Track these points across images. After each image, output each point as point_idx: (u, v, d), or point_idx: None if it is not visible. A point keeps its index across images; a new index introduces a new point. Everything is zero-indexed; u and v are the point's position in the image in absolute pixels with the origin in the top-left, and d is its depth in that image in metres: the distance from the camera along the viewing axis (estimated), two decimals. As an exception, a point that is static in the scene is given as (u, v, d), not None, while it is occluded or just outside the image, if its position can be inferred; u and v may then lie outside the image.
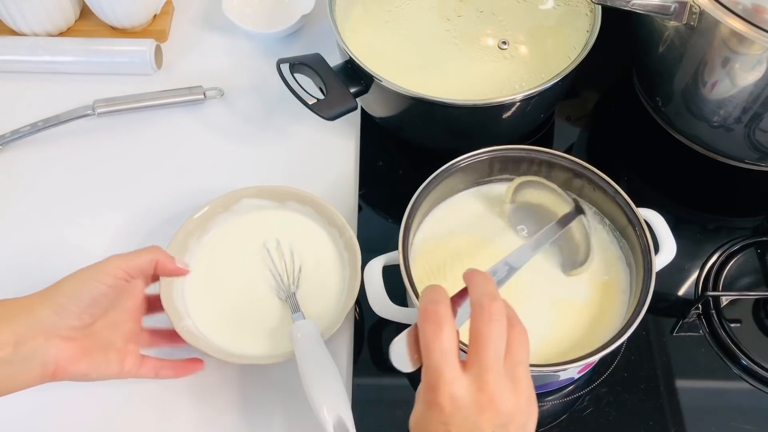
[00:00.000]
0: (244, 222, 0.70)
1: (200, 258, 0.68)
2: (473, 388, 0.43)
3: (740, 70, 0.63)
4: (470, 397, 0.43)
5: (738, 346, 0.66)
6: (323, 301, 0.66)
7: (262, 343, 0.64)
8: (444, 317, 0.44)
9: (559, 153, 0.63)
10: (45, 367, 0.53)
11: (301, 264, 0.68)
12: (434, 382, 0.43)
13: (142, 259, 0.59)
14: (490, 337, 0.44)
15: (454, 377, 0.43)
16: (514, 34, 0.78)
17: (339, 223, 0.68)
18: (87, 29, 0.88)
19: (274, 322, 0.65)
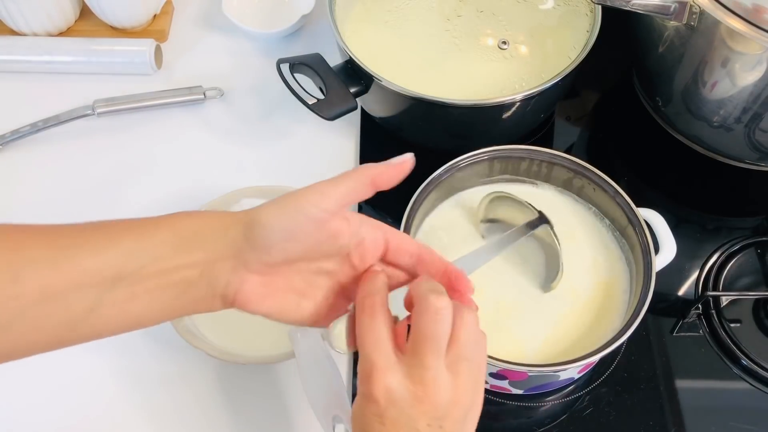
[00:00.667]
0: None
1: None
2: (408, 381, 0.42)
3: (740, 70, 0.63)
4: (405, 389, 0.42)
5: (738, 346, 0.66)
6: None
7: (262, 343, 0.64)
8: (378, 308, 0.43)
9: (560, 153, 0.64)
10: (225, 299, 0.46)
11: None
12: (368, 373, 0.42)
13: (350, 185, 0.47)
14: (431, 335, 0.42)
15: (388, 368, 0.42)
16: (514, 34, 0.78)
17: None
18: (87, 29, 0.88)
19: (274, 322, 0.65)
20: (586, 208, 0.65)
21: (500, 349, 0.56)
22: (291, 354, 0.61)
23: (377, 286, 0.45)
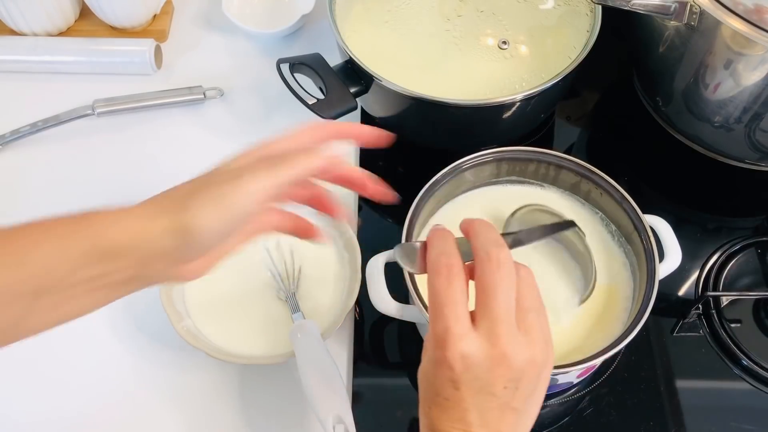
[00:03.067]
0: None
1: None
2: (485, 344, 0.40)
3: (741, 70, 0.63)
4: (482, 354, 0.40)
5: (738, 346, 0.66)
6: (323, 301, 0.66)
7: (262, 343, 0.64)
8: (455, 271, 0.42)
9: (568, 156, 0.63)
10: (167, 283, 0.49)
11: (301, 264, 0.68)
12: (443, 339, 0.41)
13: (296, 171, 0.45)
14: (499, 286, 0.41)
15: (464, 333, 0.40)
16: (514, 34, 0.78)
17: (338, 224, 0.68)
18: (87, 29, 0.88)
19: (274, 322, 0.65)
20: (592, 213, 0.65)
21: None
22: (291, 354, 0.60)
23: (450, 246, 0.43)
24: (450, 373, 0.41)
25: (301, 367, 0.59)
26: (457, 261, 0.42)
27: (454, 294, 0.41)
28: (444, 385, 0.41)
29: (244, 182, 0.44)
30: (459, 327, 0.41)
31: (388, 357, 0.68)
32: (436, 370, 0.42)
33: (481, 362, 0.40)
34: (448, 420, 0.42)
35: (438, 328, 0.41)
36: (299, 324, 0.61)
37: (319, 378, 0.58)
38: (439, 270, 0.42)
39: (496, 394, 0.41)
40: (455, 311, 0.41)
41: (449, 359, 0.40)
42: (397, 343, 0.69)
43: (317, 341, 0.60)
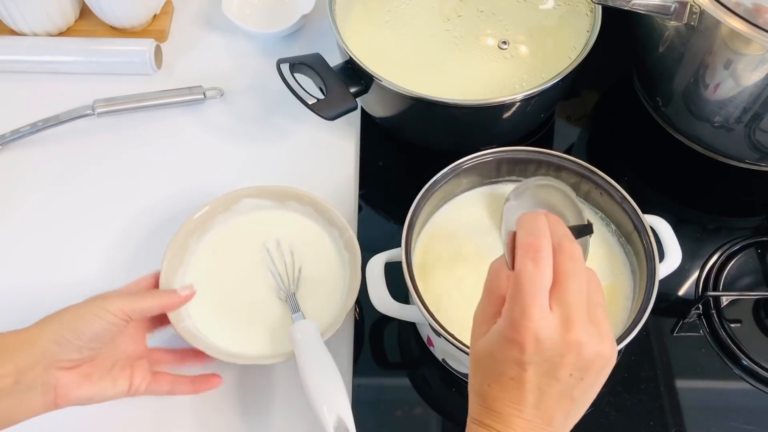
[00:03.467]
0: (244, 222, 0.70)
1: (200, 258, 0.68)
2: (560, 329, 0.41)
3: (741, 70, 0.63)
4: (556, 337, 0.41)
5: (738, 346, 0.66)
6: (323, 301, 0.66)
7: (263, 343, 0.64)
8: (545, 254, 0.41)
9: (568, 156, 0.63)
10: (46, 396, 0.54)
11: (301, 264, 0.68)
12: (519, 319, 0.41)
13: (145, 305, 0.58)
14: (573, 275, 0.41)
15: (542, 316, 0.41)
16: (514, 34, 0.78)
17: (339, 224, 0.68)
18: (87, 29, 0.88)
19: (274, 322, 0.65)
20: (592, 213, 0.65)
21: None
22: (291, 354, 0.60)
23: (541, 226, 0.43)
24: (520, 354, 0.41)
25: (301, 367, 0.59)
26: (547, 243, 0.42)
27: (540, 276, 0.41)
28: (511, 365, 0.41)
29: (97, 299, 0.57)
30: (537, 309, 0.40)
31: (388, 357, 0.68)
32: (506, 349, 0.41)
33: (554, 346, 0.41)
34: (507, 399, 0.42)
35: (515, 308, 0.41)
36: (299, 324, 0.61)
37: (319, 378, 0.58)
38: (527, 250, 0.41)
39: (560, 379, 0.41)
40: (536, 294, 0.41)
41: (522, 339, 0.40)
42: (397, 343, 0.69)
43: (317, 341, 0.60)
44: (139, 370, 0.59)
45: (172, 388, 0.60)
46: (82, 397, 0.55)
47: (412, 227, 0.60)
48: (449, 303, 0.61)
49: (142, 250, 0.73)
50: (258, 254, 0.68)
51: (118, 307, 0.56)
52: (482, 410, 0.43)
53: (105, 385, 0.56)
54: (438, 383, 0.66)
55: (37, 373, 0.53)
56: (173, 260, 0.66)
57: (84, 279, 0.72)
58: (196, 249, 0.68)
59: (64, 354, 0.54)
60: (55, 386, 0.54)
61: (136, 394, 0.58)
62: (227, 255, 0.69)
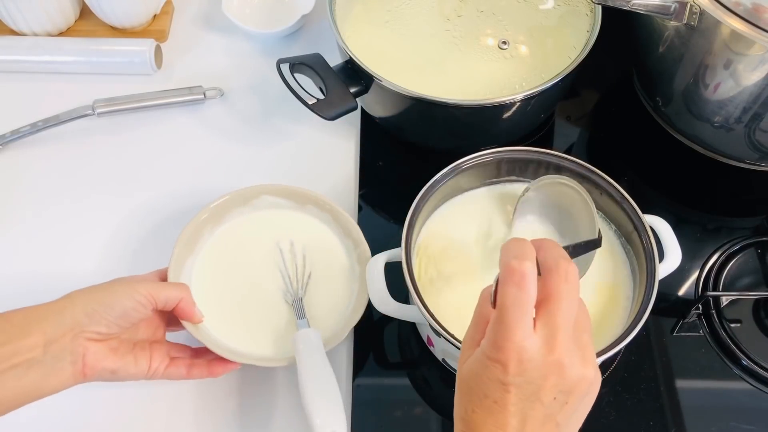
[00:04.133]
0: (260, 218, 0.69)
1: (211, 249, 0.68)
2: (543, 349, 0.41)
3: (741, 70, 0.63)
4: (539, 358, 0.41)
5: (738, 346, 0.66)
6: (329, 311, 0.65)
7: (264, 344, 0.64)
8: (528, 276, 0.41)
9: (567, 156, 0.63)
10: (75, 366, 0.54)
11: (312, 270, 0.67)
12: (503, 339, 0.41)
13: (171, 293, 0.59)
14: (565, 296, 0.41)
15: (525, 337, 0.40)
16: (514, 34, 0.78)
17: (355, 236, 0.67)
18: (87, 29, 0.88)
19: (278, 324, 0.65)
20: None
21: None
22: (293, 359, 0.60)
23: (526, 250, 0.42)
24: (503, 375, 0.41)
25: (300, 377, 0.58)
26: (531, 267, 0.42)
27: (523, 299, 0.41)
28: (494, 386, 0.41)
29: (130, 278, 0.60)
30: (520, 330, 0.40)
31: (388, 357, 0.68)
32: (488, 370, 0.41)
33: (537, 366, 0.41)
34: (490, 424, 0.42)
35: (499, 330, 0.41)
36: (302, 333, 0.61)
37: (317, 390, 0.57)
38: (512, 273, 0.41)
39: (544, 403, 0.41)
40: (520, 315, 0.41)
41: (505, 360, 0.40)
42: (397, 343, 0.69)
43: (319, 352, 0.60)
44: (157, 353, 0.60)
45: (189, 372, 0.61)
46: (108, 369, 0.56)
47: (412, 227, 0.60)
48: (449, 303, 0.61)
49: (142, 250, 0.73)
50: (270, 253, 0.68)
51: (147, 290, 0.57)
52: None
53: (128, 360, 0.57)
54: (438, 383, 0.66)
55: (66, 342, 0.54)
56: (184, 248, 0.66)
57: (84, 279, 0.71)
58: (208, 239, 0.68)
59: (93, 326, 0.55)
60: (83, 355, 0.54)
61: (154, 376, 0.59)
62: (239, 250, 0.68)
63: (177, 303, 0.60)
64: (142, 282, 0.59)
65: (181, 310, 0.61)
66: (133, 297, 0.57)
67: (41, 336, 0.53)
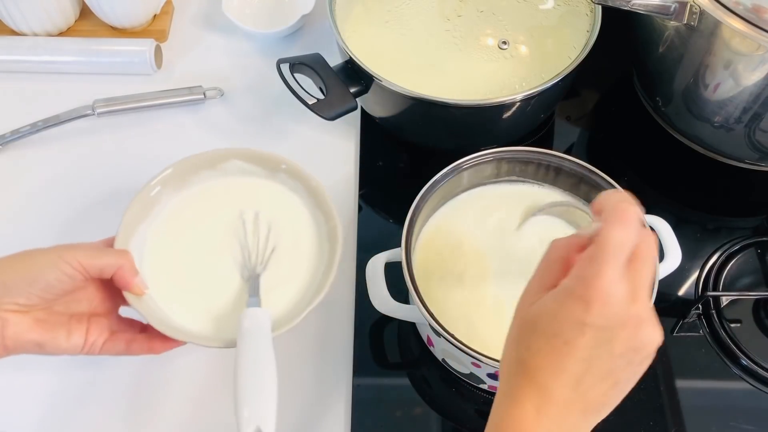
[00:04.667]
0: (226, 185, 0.65)
1: (170, 214, 0.63)
2: (627, 299, 0.39)
3: (741, 70, 0.63)
4: (622, 306, 0.39)
5: (738, 346, 0.66)
6: (287, 293, 0.60)
7: (213, 322, 0.59)
8: (637, 220, 0.40)
9: (567, 156, 0.63)
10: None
11: (276, 245, 0.62)
12: (594, 276, 0.39)
13: (105, 261, 0.55)
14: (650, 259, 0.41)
15: (615, 280, 0.39)
16: (514, 34, 0.78)
17: (326, 209, 0.62)
18: (87, 29, 0.88)
19: (228, 301, 0.60)
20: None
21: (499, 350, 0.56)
22: (234, 342, 0.55)
23: (633, 201, 0.42)
24: (584, 313, 0.39)
25: (237, 359, 0.53)
26: (639, 213, 0.41)
27: (626, 241, 0.39)
28: (570, 325, 0.39)
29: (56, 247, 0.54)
30: (614, 271, 0.39)
31: (388, 357, 0.68)
32: (568, 308, 0.40)
33: (618, 313, 0.39)
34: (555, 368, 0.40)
35: (590, 267, 0.39)
36: (251, 312, 0.56)
37: (251, 378, 0.52)
38: (622, 213, 0.40)
39: (613, 354, 0.40)
40: (619, 256, 0.39)
41: (592, 298, 0.39)
42: (397, 343, 0.69)
43: (264, 335, 0.54)
44: (96, 326, 0.55)
45: (128, 347, 0.57)
46: (33, 341, 0.52)
47: (412, 227, 0.60)
48: (449, 303, 0.61)
49: (142, 250, 0.73)
50: (232, 224, 0.63)
51: (75, 258, 0.53)
52: (517, 382, 0.41)
53: (59, 334, 0.53)
54: (438, 383, 0.66)
55: None
56: (140, 210, 0.61)
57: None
58: (167, 203, 0.63)
59: (10, 296, 0.51)
60: (2, 327, 0.51)
61: (92, 352, 0.55)
62: (199, 217, 0.64)
63: (114, 271, 0.55)
64: (72, 249, 0.53)
65: (119, 278, 0.56)
66: (57, 267, 0.52)
67: None
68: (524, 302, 0.43)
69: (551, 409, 0.40)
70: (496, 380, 0.60)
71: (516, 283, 0.62)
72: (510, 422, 0.41)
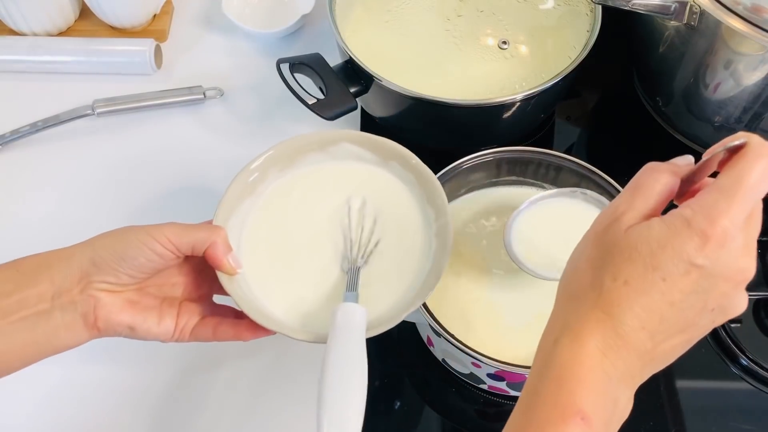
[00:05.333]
0: (335, 169, 0.61)
1: (274, 193, 0.60)
2: (742, 248, 0.35)
3: (741, 70, 0.63)
4: (735, 253, 0.35)
5: (738, 346, 0.66)
6: (387, 290, 0.56)
7: (300, 312, 0.55)
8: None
9: (567, 156, 0.63)
10: (86, 319, 0.49)
11: (380, 238, 0.58)
12: (720, 211, 0.35)
13: (197, 236, 0.52)
14: (760, 220, 0.37)
15: (739, 223, 0.35)
16: (514, 33, 0.78)
17: (438, 203, 0.57)
18: (87, 29, 0.88)
19: (323, 293, 0.56)
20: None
21: (498, 350, 0.56)
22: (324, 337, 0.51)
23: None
24: (697, 250, 0.35)
25: (326, 357, 0.49)
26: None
27: (763, 185, 0.35)
28: (676, 261, 0.35)
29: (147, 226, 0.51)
30: (741, 213, 0.35)
31: (388, 357, 0.68)
32: (680, 239, 0.35)
33: (730, 258, 0.35)
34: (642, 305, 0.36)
35: (720, 201, 0.35)
36: (346, 307, 0.51)
37: (339, 378, 0.48)
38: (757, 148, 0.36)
39: (705, 306, 0.36)
40: (752, 197, 0.35)
41: (711, 234, 0.35)
42: (398, 343, 0.69)
43: (358, 334, 0.50)
44: (186, 311, 0.53)
45: (215, 332, 0.54)
46: (124, 323, 0.50)
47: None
48: (449, 303, 0.61)
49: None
50: (337, 211, 0.59)
51: (165, 235, 0.50)
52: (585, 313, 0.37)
53: (150, 317, 0.51)
54: (438, 383, 0.66)
55: (75, 293, 0.49)
56: (244, 187, 0.58)
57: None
58: (272, 182, 0.60)
59: (100, 275, 0.49)
60: (95, 307, 0.49)
61: (181, 338, 0.53)
62: (302, 201, 0.60)
63: (207, 247, 0.52)
64: (161, 227, 0.51)
65: (211, 255, 0.52)
66: (146, 244, 0.50)
67: (49, 285, 0.48)
68: (609, 222, 0.38)
69: (620, 353, 0.36)
70: (495, 380, 0.60)
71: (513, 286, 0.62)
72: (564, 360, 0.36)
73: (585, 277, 0.38)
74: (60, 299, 0.49)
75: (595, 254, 0.38)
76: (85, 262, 0.49)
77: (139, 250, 0.50)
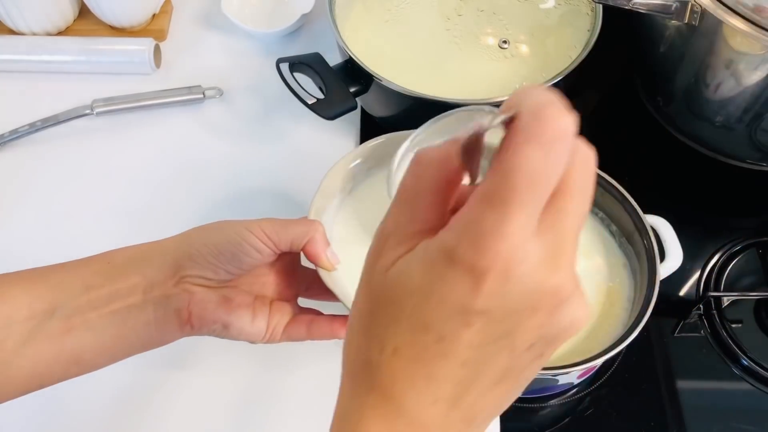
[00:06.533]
0: None
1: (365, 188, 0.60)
2: (543, 267, 0.25)
3: (742, 69, 0.63)
4: (534, 279, 0.25)
5: (739, 347, 0.66)
6: None
7: None
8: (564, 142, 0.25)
9: None
10: (180, 315, 0.47)
11: None
12: (492, 232, 0.24)
13: (296, 231, 0.49)
14: (584, 190, 0.27)
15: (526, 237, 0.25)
16: (514, 33, 0.78)
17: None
18: (86, 29, 0.88)
19: None
20: (592, 213, 0.64)
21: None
22: None
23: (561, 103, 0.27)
24: (471, 295, 0.25)
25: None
26: (571, 121, 0.26)
27: (549, 173, 0.25)
28: (448, 313, 0.26)
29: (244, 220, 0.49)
30: (524, 223, 0.25)
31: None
32: (446, 283, 0.25)
33: (526, 291, 0.25)
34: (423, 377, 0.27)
35: (488, 215, 0.25)
36: None
37: None
38: (546, 126, 0.25)
39: (514, 352, 0.27)
40: (530, 200, 0.24)
41: (486, 268, 0.24)
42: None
43: None
44: (277, 310, 0.51)
45: (309, 330, 0.52)
46: (220, 321, 0.48)
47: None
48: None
49: (142, 251, 0.73)
50: None
51: (261, 229, 0.48)
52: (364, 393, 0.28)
53: (244, 315, 0.49)
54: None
55: (168, 287, 0.47)
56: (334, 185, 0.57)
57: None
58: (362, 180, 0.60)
59: (198, 270, 0.47)
60: (189, 302, 0.47)
61: (273, 339, 0.51)
62: None
63: (304, 243, 0.50)
64: (260, 221, 0.49)
65: (310, 250, 0.50)
66: (244, 239, 0.47)
67: (141, 279, 0.46)
68: (375, 256, 0.28)
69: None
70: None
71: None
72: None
73: (355, 346, 0.29)
74: (152, 293, 0.46)
75: (365, 308, 0.29)
76: (180, 256, 0.47)
77: (238, 244, 0.47)
